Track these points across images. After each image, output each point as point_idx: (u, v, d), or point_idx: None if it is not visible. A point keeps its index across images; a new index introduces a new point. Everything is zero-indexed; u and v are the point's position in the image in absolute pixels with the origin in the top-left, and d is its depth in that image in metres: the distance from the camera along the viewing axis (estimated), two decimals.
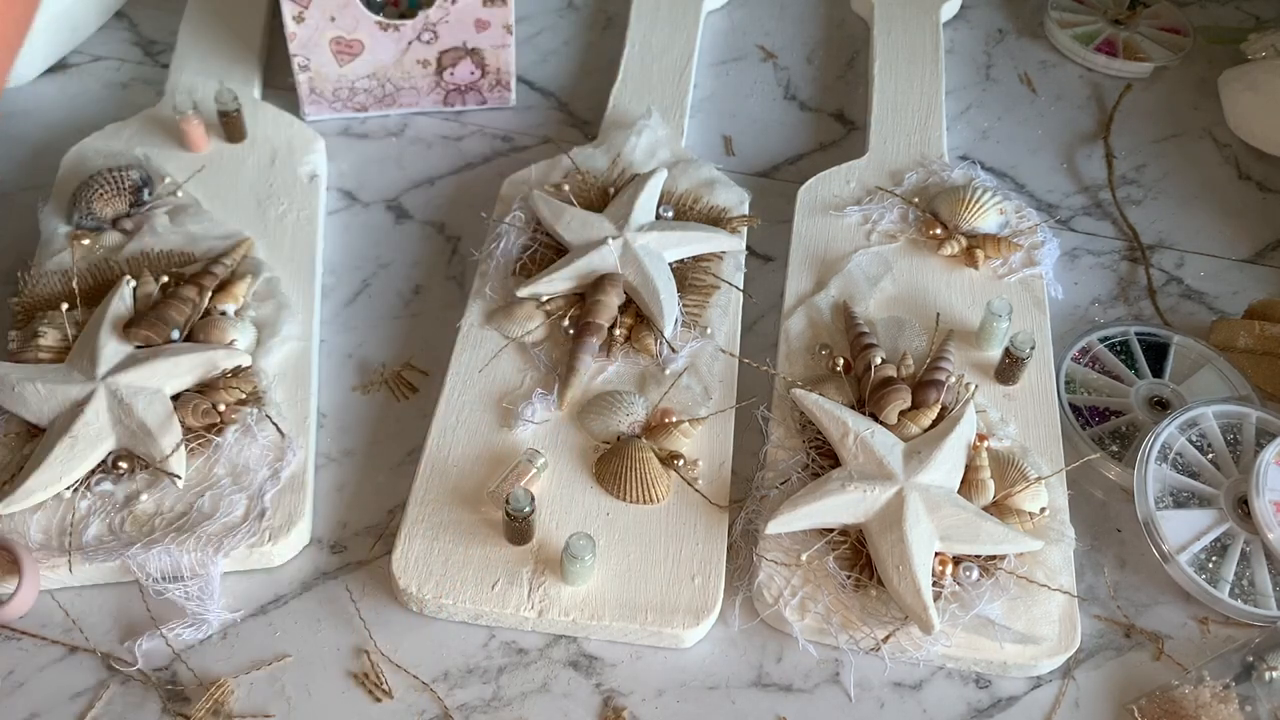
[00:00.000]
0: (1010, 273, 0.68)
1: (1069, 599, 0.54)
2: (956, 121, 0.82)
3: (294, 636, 0.53)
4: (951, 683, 0.54)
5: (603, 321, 0.62)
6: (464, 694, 0.52)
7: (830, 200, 0.72)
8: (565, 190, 0.68)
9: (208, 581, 0.53)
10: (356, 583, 0.55)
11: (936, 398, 0.59)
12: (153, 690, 0.51)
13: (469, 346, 0.62)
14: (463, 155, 0.77)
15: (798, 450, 0.58)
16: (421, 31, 0.74)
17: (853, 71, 0.85)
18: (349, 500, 0.59)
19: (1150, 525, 0.58)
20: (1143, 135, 0.82)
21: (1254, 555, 0.58)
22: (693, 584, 0.54)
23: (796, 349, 0.64)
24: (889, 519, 0.53)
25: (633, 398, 0.60)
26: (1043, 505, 0.56)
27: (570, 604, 0.53)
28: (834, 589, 0.53)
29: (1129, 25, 0.89)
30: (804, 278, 0.67)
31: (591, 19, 0.88)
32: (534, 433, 0.59)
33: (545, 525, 0.55)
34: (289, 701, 0.51)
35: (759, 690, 0.53)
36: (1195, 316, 0.71)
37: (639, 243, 0.64)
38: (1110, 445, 0.63)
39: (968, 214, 0.68)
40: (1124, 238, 0.75)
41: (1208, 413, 0.62)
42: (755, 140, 0.80)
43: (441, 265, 0.70)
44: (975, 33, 0.89)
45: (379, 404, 0.63)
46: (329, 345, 0.65)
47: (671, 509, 0.57)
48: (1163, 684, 0.54)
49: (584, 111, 0.80)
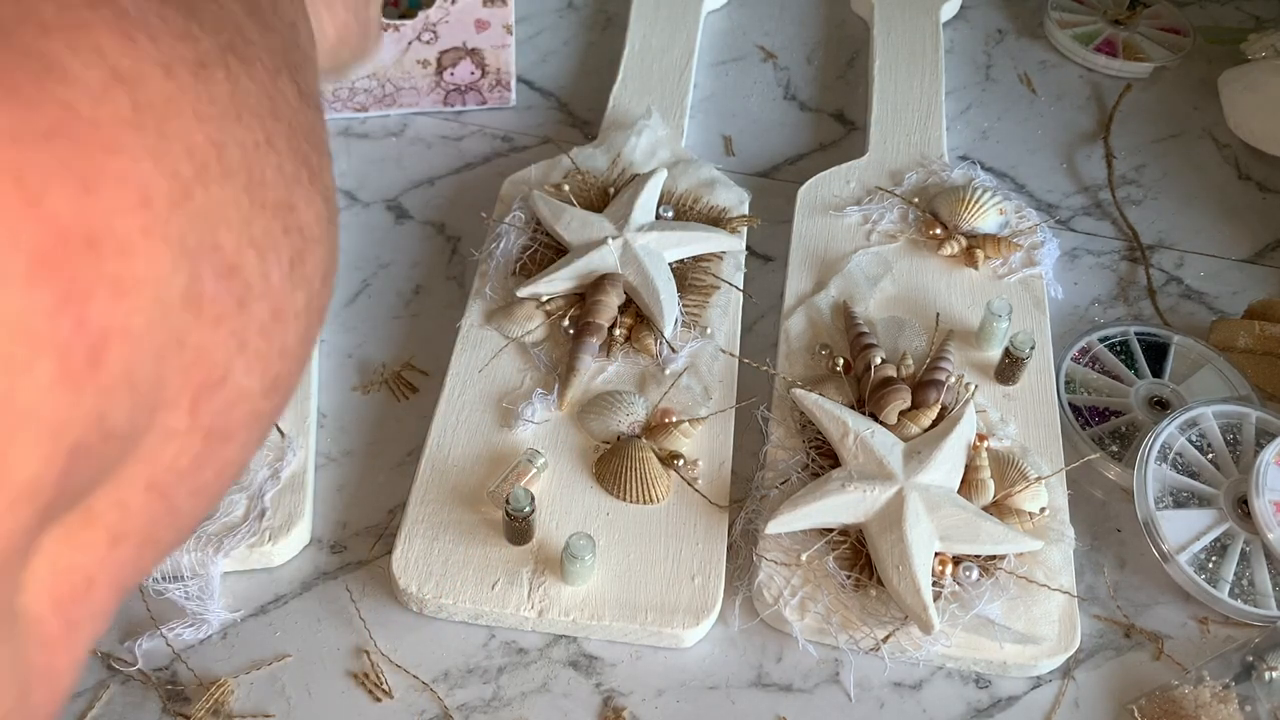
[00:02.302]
0: (1010, 273, 0.68)
1: (1069, 599, 0.54)
2: (956, 121, 0.82)
3: (294, 636, 0.53)
4: (951, 683, 0.54)
5: (603, 321, 0.62)
6: (464, 694, 0.52)
7: (830, 200, 0.72)
8: (565, 190, 0.68)
9: (208, 581, 0.53)
10: (356, 583, 0.55)
11: (936, 398, 0.59)
12: (153, 690, 0.51)
13: (469, 346, 0.62)
14: (463, 155, 0.77)
15: (798, 450, 0.58)
16: (421, 31, 0.74)
17: (853, 71, 0.85)
18: (349, 500, 0.59)
19: (1150, 525, 0.58)
20: (1143, 135, 0.82)
21: (1254, 555, 0.58)
22: (693, 584, 0.54)
23: (796, 349, 0.64)
24: (889, 519, 0.53)
25: (633, 398, 0.60)
26: (1043, 505, 0.56)
27: (570, 604, 0.53)
28: (834, 589, 0.53)
29: (1129, 25, 0.88)
30: (804, 278, 0.67)
31: (591, 19, 0.88)
32: (534, 433, 0.59)
33: (545, 525, 0.55)
34: (289, 701, 0.51)
35: (759, 690, 0.53)
36: (1195, 316, 0.71)
37: (639, 243, 0.64)
38: (1110, 445, 0.63)
39: (968, 214, 0.68)
40: (1124, 238, 0.75)
41: (1208, 413, 0.62)
42: (755, 140, 0.80)
43: (441, 265, 0.70)
44: (975, 33, 0.89)
45: (379, 404, 0.63)
46: (329, 345, 0.65)
47: (671, 509, 0.57)
48: (1163, 684, 0.54)
49: (584, 111, 0.80)
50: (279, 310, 0.24)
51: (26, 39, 0.18)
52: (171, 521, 0.24)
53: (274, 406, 0.26)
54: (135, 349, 0.19)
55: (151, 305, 0.20)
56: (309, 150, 0.27)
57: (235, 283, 0.22)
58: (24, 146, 0.17)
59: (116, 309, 0.19)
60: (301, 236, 0.25)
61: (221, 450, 0.24)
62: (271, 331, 0.24)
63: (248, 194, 0.23)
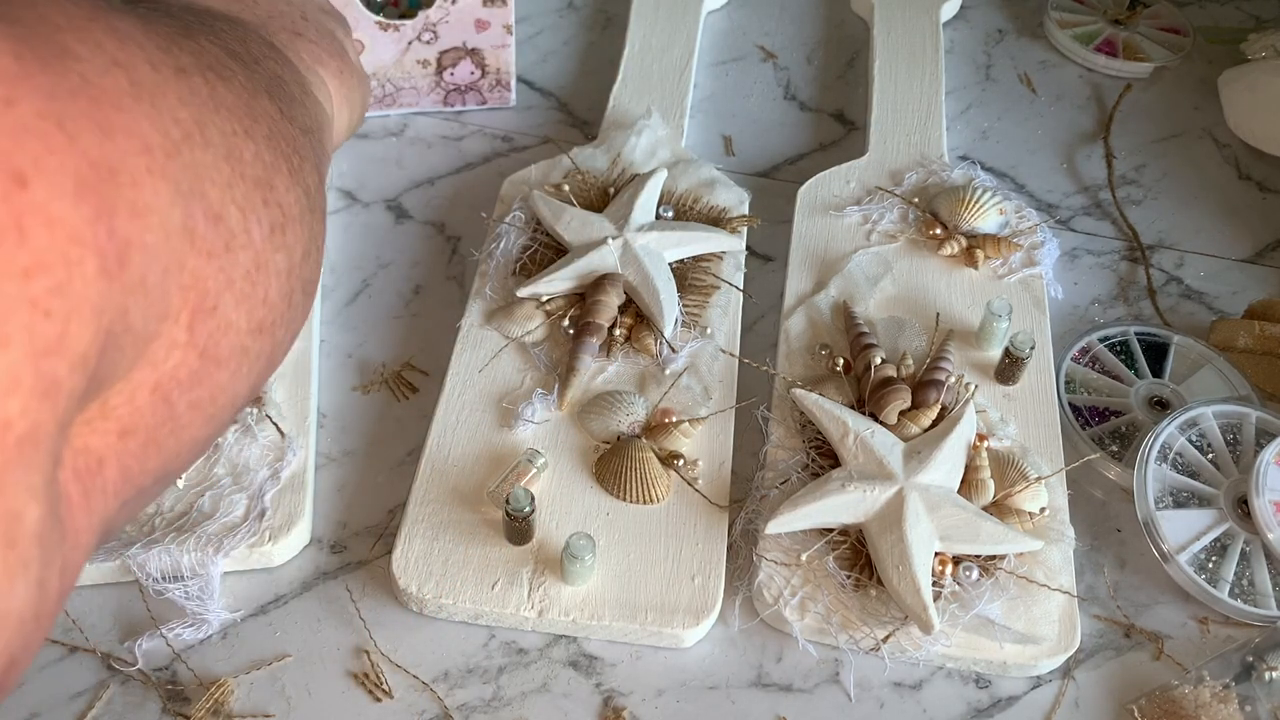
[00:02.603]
0: (1010, 273, 0.68)
1: (1069, 599, 0.54)
2: (956, 121, 0.82)
3: (294, 636, 0.53)
4: (951, 683, 0.54)
5: (603, 321, 0.62)
6: (464, 694, 0.52)
7: (830, 200, 0.72)
8: (565, 190, 0.68)
9: (208, 581, 0.53)
10: (356, 583, 0.55)
11: (936, 398, 0.59)
12: (153, 690, 0.51)
13: (469, 346, 0.62)
14: (463, 155, 0.77)
15: (798, 450, 0.58)
16: (421, 31, 0.74)
17: (853, 71, 0.85)
18: (349, 500, 0.59)
19: (1150, 525, 0.58)
20: (1143, 135, 0.82)
21: (1254, 555, 0.58)
22: (693, 584, 0.54)
23: (796, 349, 0.64)
24: (889, 519, 0.53)
25: (633, 398, 0.60)
26: (1043, 505, 0.56)
27: (570, 604, 0.53)
28: (834, 589, 0.53)
29: (1129, 25, 0.89)
30: (804, 278, 0.67)
31: (591, 19, 0.88)
32: (534, 433, 0.59)
33: (545, 525, 0.55)
34: (289, 701, 0.51)
35: (759, 690, 0.53)
36: (1195, 316, 0.71)
37: (639, 243, 0.64)
38: (1110, 445, 0.63)
39: (968, 214, 0.68)
40: (1124, 238, 0.75)
41: (1208, 413, 0.62)
42: (755, 140, 0.80)
43: (441, 265, 0.70)
44: (975, 33, 0.89)
45: (379, 404, 0.63)
46: (329, 345, 0.65)
47: (671, 509, 0.57)
48: (1163, 684, 0.54)
49: (584, 111, 0.80)
50: (261, 262, 0.31)
51: (46, 32, 0.23)
52: (172, 428, 0.29)
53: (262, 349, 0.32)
54: (148, 258, 0.25)
55: (158, 227, 0.25)
56: (290, 152, 0.34)
57: (221, 228, 0.29)
58: (59, 100, 0.23)
59: (134, 224, 0.24)
60: (281, 211, 0.33)
61: (215, 373, 0.30)
62: (255, 279, 0.31)
63: (228, 164, 0.30)
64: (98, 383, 0.25)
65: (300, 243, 0.34)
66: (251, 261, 0.30)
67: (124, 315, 0.24)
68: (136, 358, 0.26)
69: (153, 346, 0.27)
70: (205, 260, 0.28)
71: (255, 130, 0.32)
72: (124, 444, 0.27)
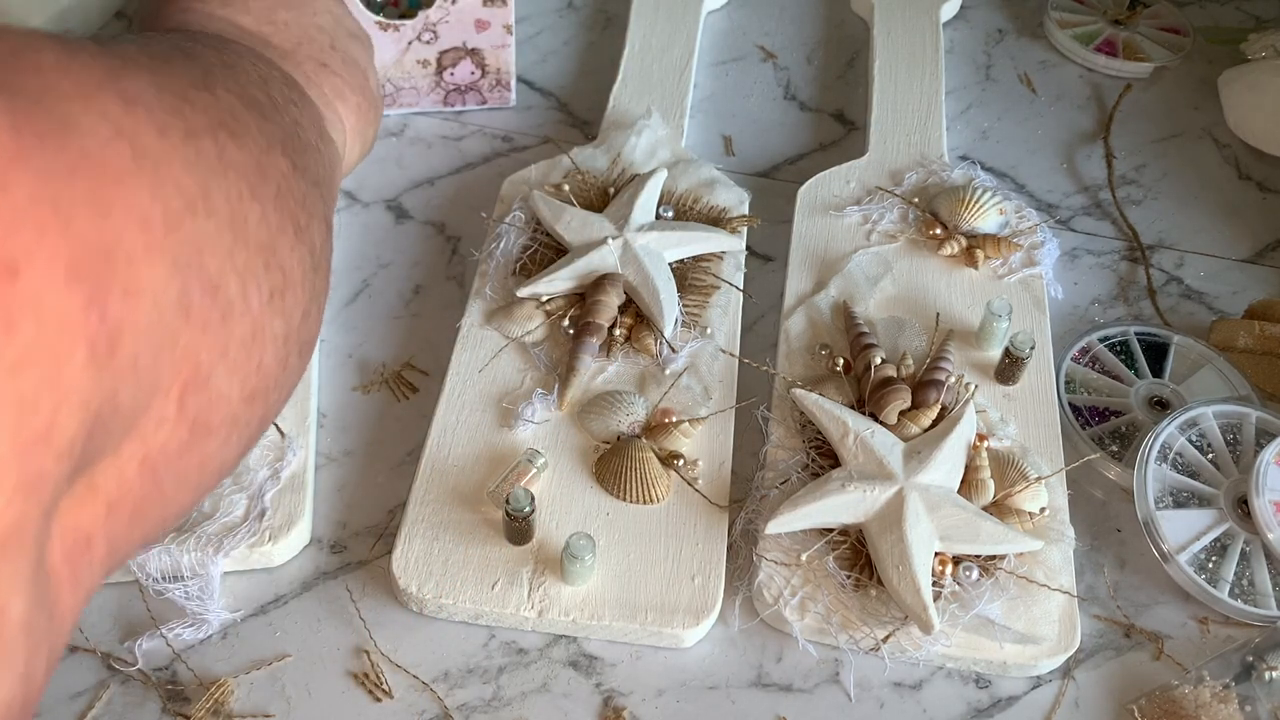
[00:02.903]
0: (1010, 273, 0.68)
1: (1069, 599, 0.54)
2: (956, 121, 0.82)
3: (294, 636, 0.53)
4: (951, 683, 0.54)
5: (603, 321, 0.62)
6: (464, 694, 0.52)
7: (830, 200, 0.72)
8: (565, 190, 0.68)
9: (208, 581, 0.53)
10: (356, 583, 0.55)
11: (936, 398, 0.59)
12: (153, 690, 0.51)
13: (469, 346, 0.62)
14: (463, 155, 0.77)
15: (798, 450, 0.58)
16: (421, 31, 0.74)
17: (853, 71, 0.85)
18: (349, 500, 0.59)
19: (1150, 525, 0.58)
20: (1143, 135, 0.82)
21: (1254, 555, 0.58)
22: (692, 584, 0.54)
23: (796, 349, 0.64)
24: (889, 519, 0.53)
25: (633, 398, 0.60)
26: (1043, 505, 0.56)
27: (570, 604, 0.53)
28: (834, 589, 0.53)
29: (1129, 25, 0.89)
30: (804, 278, 0.67)
31: (591, 19, 0.88)
32: (534, 433, 0.59)
33: (545, 525, 0.55)
34: (289, 701, 0.51)
35: (759, 690, 0.53)
36: (1195, 316, 0.71)
37: (639, 243, 0.64)
38: (1110, 445, 0.63)
39: (968, 214, 0.68)
40: (1124, 238, 0.75)
41: (1208, 413, 0.62)
42: (755, 140, 0.80)
43: (441, 265, 0.70)
44: (975, 33, 0.89)
45: (379, 404, 0.63)
46: (329, 345, 0.65)
47: (671, 509, 0.57)
48: (1163, 684, 0.54)
49: (584, 111, 0.80)
50: (258, 331, 0.31)
51: (49, 103, 0.23)
52: (159, 500, 0.29)
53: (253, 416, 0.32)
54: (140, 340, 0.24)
55: (152, 306, 0.25)
56: (297, 210, 0.34)
57: (219, 299, 0.28)
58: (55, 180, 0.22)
59: (127, 307, 0.24)
60: (283, 275, 0.32)
61: (204, 443, 0.29)
62: (250, 347, 0.30)
63: (231, 230, 0.29)
64: (86, 461, 0.24)
65: (300, 305, 0.33)
66: (248, 330, 0.30)
67: (113, 398, 0.24)
68: (125, 435, 0.26)
69: (142, 421, 0.26)
70: (200, 334, 0.27)
71: (263, 191, 0.31)
72: (112, 518, 0.27)
